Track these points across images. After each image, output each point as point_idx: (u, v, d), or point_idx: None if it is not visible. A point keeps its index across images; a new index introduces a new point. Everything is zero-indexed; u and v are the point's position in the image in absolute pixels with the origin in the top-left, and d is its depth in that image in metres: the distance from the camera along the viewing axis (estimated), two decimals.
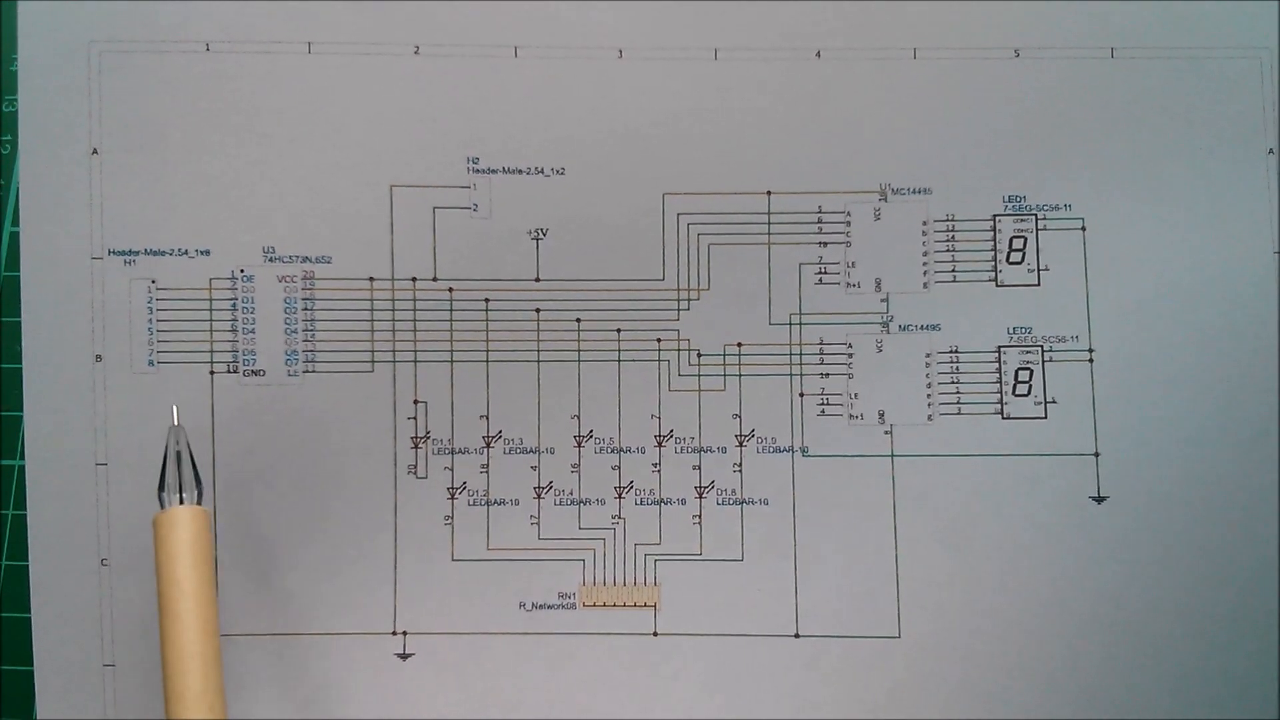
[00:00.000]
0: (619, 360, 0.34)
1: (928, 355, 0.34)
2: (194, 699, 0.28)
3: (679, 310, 0.34)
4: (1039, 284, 0.34)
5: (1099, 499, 0.33)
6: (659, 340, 0.34)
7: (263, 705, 0.33)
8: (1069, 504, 0.33)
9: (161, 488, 0.29)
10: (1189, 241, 0.34)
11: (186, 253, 0.34)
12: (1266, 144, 0.34)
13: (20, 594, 0.33)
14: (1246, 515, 0.33)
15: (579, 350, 0.34)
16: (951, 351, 0.34)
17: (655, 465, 0.34)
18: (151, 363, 0.34)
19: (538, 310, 0.34)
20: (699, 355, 0.34)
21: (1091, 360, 0.34)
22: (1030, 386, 0.34)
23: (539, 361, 0.34)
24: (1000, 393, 0.34)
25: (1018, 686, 0.33)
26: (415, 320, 0.34)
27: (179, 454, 0.30)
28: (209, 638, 0.28)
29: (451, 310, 0.34)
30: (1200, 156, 0.34)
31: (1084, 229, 0.34)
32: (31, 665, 0.33)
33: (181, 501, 0.29)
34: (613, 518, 0.34)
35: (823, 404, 0.34)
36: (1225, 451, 0.33)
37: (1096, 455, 0.34)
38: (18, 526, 0.34)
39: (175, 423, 0.31)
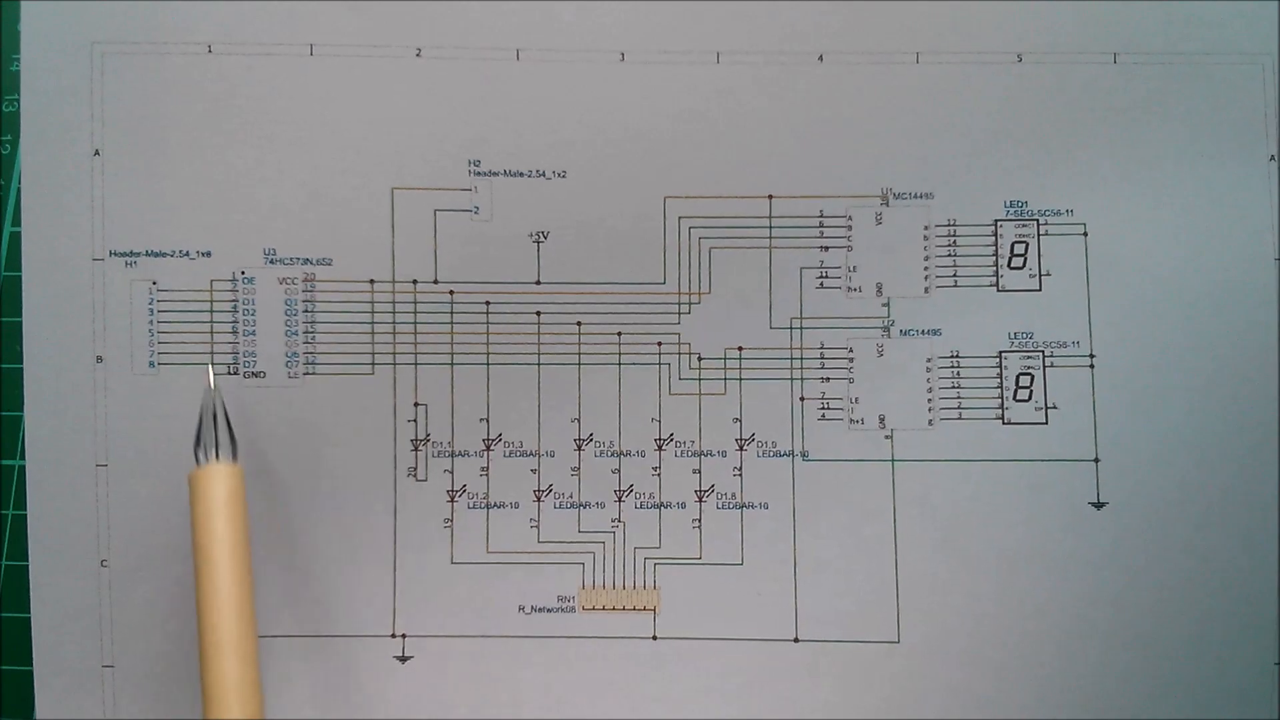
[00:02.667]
0: (619, 363, 0.34)
1: (929, 360, 0.34)
2: (231, 648, 0.29)
3: (680, 314, 0.34)
4: (1040, 289, 0.34)
5: (1099, 505, 0.33)
6: (659, 344, 0.34)
7: (261, 708, 0.33)
8: (1069, 509, 0.33)
9: (198, 444, 0.30)
10: (1190, 247, 0.34)
11: (188, 254, 0.34)
12: (1268, 150, 0.34)
13: (20, 594, 0.33)
14: (1246, 521, 0.33)
15: (579, 353, 0.34)
16: (952, 356, 0.34)
17: (655, 469, 0.34)
18: (152, 364, 0.34)
19: (538, 313, 0.34)
20: (699, 359, 0.34)
21: (1092, 366, 0.34)
22: (1031, 392, 0.34)
23: (539, 364, 0.34)
24: (1001, 398, 0.34)
25: (1016, 691, 0.33)
26: (416, 323, 0.34)
27: (214, 414, 0.30)
28: (244, 589, 0.29)
29: (452, 313, 0.34)
30: (1202, 162, 0.34)
31: (1086, 234, 0.34)
32: (31, 665, 0.33)
33: (217, 458, 0.30)
34: (612, 521, 0.34)
35: (823, 408, 0.34)
36: (1226, 458, 0.33)
37: (1097, 461, 0.33)
38: (18, 526, 0.34)
39: (210, 385, 0.31)
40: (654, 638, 0.34)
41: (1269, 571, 0.33)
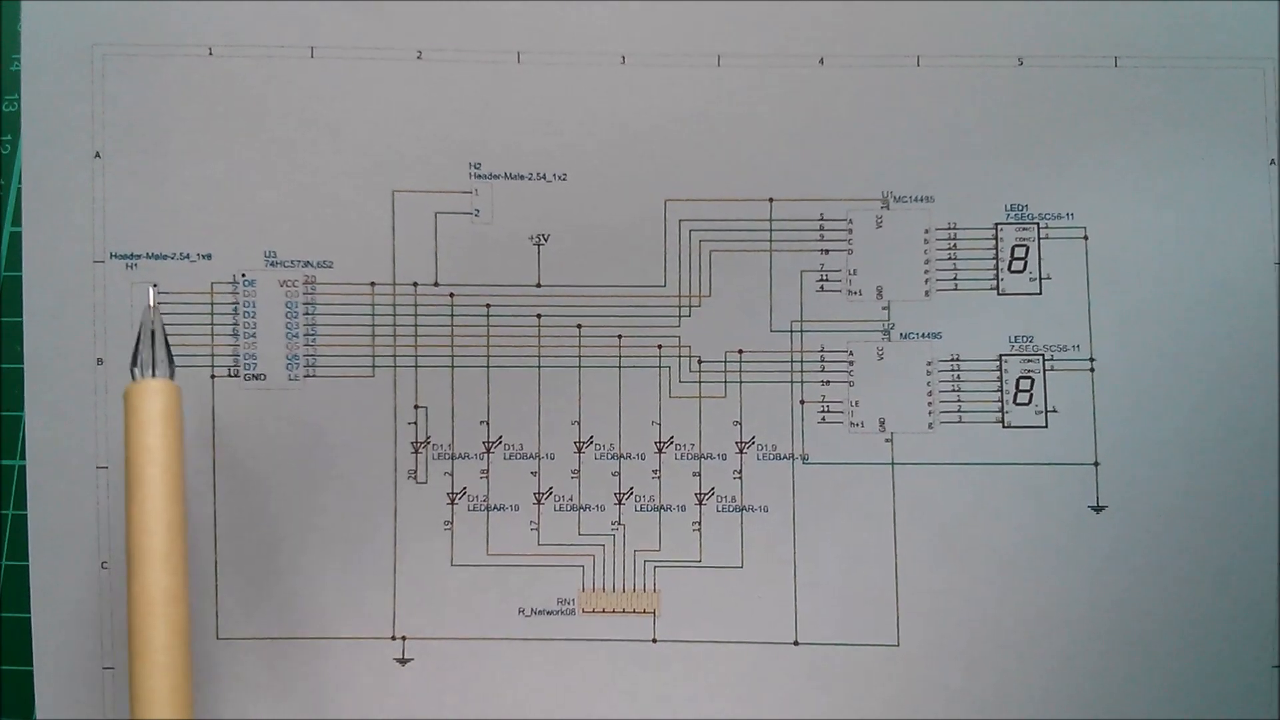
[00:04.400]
0: (620, 366, 0.34)
1: (929, 363, 0.34)
2: (160, 560, 0.28)
3: (680, 317, 0.34)
4: (1040, 293, 0.34)
5: (1098, 508, 0.33)
6: (660, 346, 0.34)
7: (261, 708, 0.33)
8: (1068, 513, 0.33)
9: (134, 363, 0.29)
10: (1191, 251, 0.34)
11: (188, 256, 0.34)
12: (1268, 154, 0.34)
13: (20, 594, 0.33)
14: (1246, 525, 0.33)
15: (580, 356, 0.34)
16: (953, 360, 0.34)
17: (655, 471, 0.34)
18: None
19: (539, 316, 0.34)
20: (700, 362, 0.34)
21: (1092, 370, 0.34)
22: (1031, 395, 0.34)
23: (539, 367, 0.34)
24: (1001, 401, 0.34)
25: (1016, 695, 0.33)
26: (416, 325, 0.34)
27: (153, 332, 0.30)
28: (175, 504, 0.29)
29: (452, 315, 0.34)
30: (1203, 166, 0.34)
31: (1086, 238, 0.34)
32: (31, 666, 0.33)
33: (154, 375, 0.29)
34: (612, 524, 0.34)
35: (823, 411, 0.34)
36: (1225, 462, 0.33)
37: (1096, 465, 0.34)
38: (18, 527, 0.34)
39: (150, 304, 0.30)
40: (654, 640, 0.34)
41: (1269, 575, 0.33)
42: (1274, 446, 0.33)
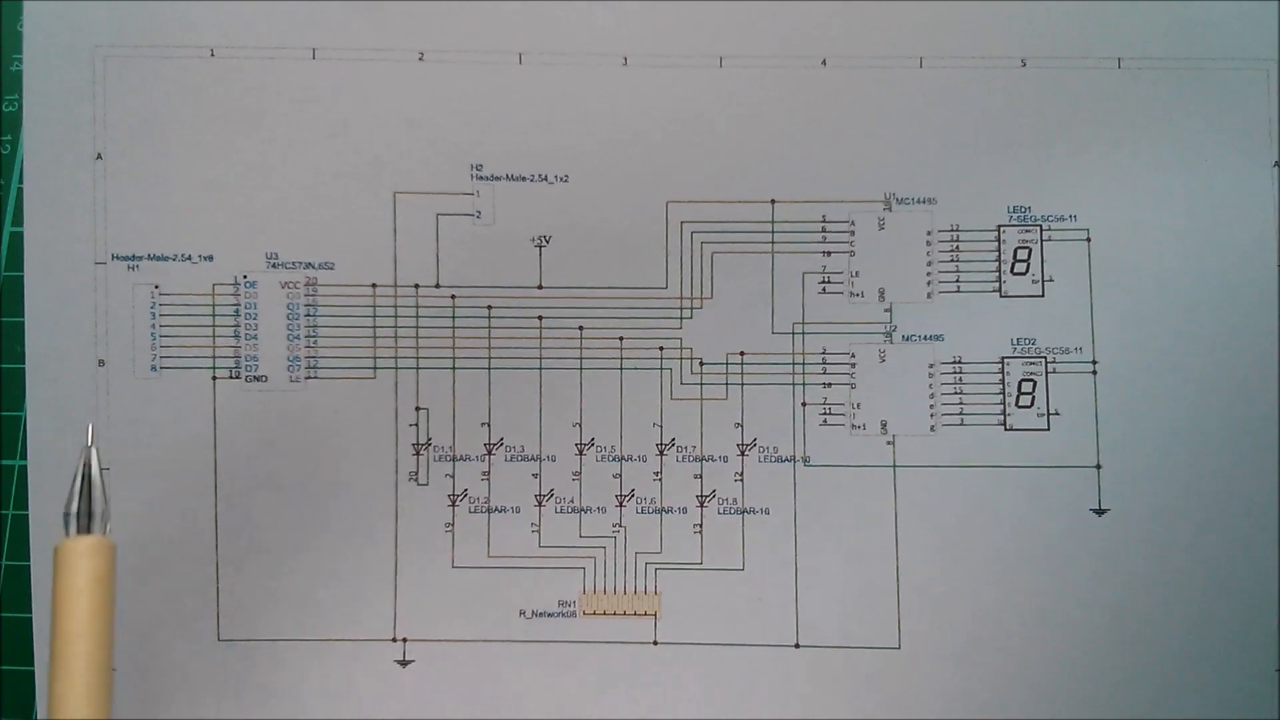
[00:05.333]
0: (621, 368, 0.34)
1: (931, 366, 0.34)
2: None
3: (681, 318, 0.34)
4: (1043, 295, 0.34)
5: (1100, 511, 0.33)
6: (661, 348, 0.34)
7: (262, 711, 0.33)
8: (1070, 516, 0.33)
9: (67, 512, 0.27)
10: (1193, 253, 0.34)
11: (190, 258, 0.34)
12: (1270, 156, 0.34)
13: (20, 594, 0.33)
14: (1248, 528, 0.33)
15: (581, 358, 0.34)
16: (955, 362, 0.34)
17: (656, 474, 0.34)
18: (154, 368, 0.34)
19: (540, 317, 0.34)
20: (701, 364, 0.34)
21: (1095, 372, 0.34)
22: (1033, 398, 0.34)
23: (541, 369, 0.34)
24: (1003, 404, 0.34)
25: (1018, 698, 0.33)
26: (418, 327, 0.34)
27: (89, 478, 0.27)
28: (100, 675, 0.26)
29: (454, 317, 0.34)
30: (1205, 168, 0.34)
31: (1089, 240, 0.34)
32: (32, 665, 0.33)
33: (89, 530, 0.27)
34: (613, 526, 0.34)
35: (825, 414, 0.34)
36: (1227, 464, 0.33)
37: (1098, 467, 0.33)
38: (18, 527, 0.34)
39: (89, 443, 0.27)
40: (655, 643, 0.34)
41: (1270, 577, 0.33)
42: (1275, 449, 0.33)
